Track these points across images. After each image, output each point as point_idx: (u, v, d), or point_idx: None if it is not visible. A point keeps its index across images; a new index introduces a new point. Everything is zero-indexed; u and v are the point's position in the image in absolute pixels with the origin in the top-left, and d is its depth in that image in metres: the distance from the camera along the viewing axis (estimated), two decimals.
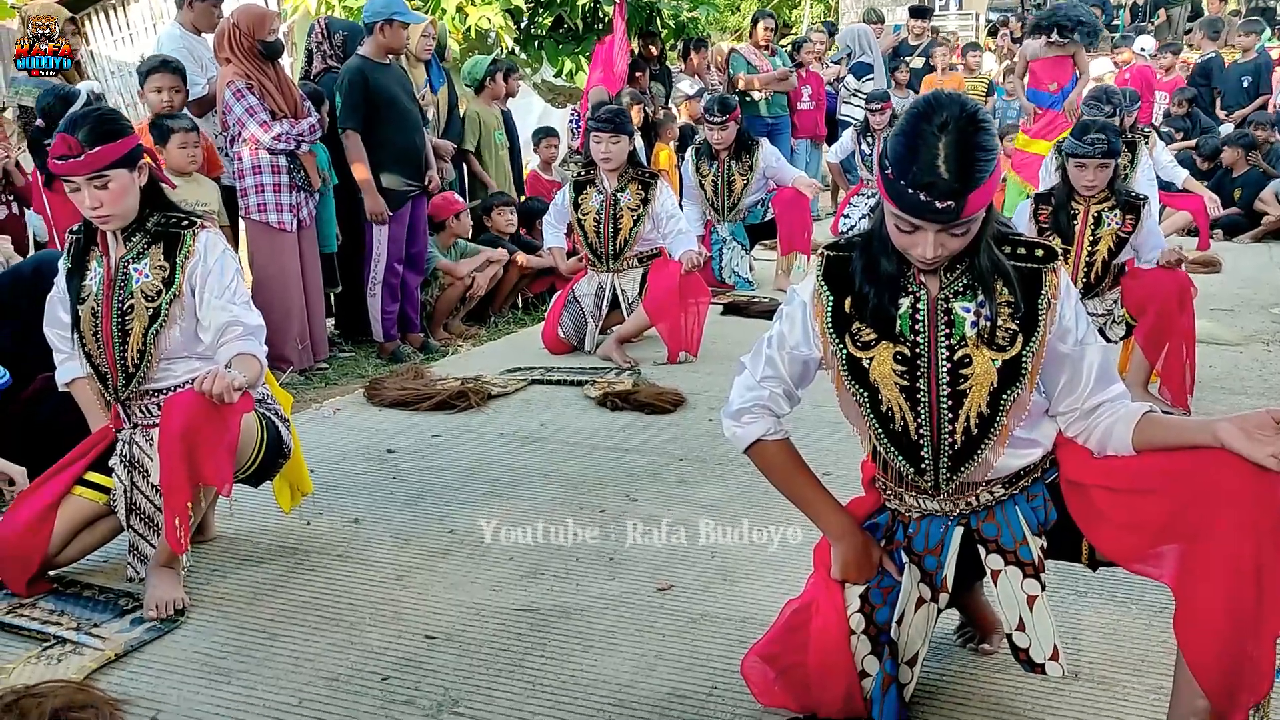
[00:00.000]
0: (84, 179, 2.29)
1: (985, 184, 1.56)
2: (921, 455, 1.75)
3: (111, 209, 2.33)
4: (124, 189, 2.33)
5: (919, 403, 1.72)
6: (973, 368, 1.69)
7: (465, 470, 3.20)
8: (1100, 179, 3.68)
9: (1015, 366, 1.68)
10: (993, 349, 1.68)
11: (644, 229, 4.60)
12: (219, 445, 2.23)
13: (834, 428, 3.42)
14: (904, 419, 1.73)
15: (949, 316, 1.71)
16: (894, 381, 1.73)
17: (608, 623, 2.25)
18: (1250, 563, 1.48)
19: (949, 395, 1.71)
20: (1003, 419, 1.69)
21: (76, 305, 2.43)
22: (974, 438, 1.71)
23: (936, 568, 1.81)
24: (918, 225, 1.60)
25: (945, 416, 1.71)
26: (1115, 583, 2.31)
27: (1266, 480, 1.49)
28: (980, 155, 1.55)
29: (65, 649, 2.12)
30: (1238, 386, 4.12)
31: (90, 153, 2.26)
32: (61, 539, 2.38)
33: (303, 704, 1.95)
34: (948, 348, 1.70)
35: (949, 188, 1.54)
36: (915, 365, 1.72)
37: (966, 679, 2.01)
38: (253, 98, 4.28)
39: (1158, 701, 1.90)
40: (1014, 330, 1.68)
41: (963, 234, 1.61)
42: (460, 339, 5.37)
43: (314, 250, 4.66)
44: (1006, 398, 1.69)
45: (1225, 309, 5.45)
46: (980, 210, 1.59)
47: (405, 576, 2.48)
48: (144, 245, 2.40)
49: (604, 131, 4.56)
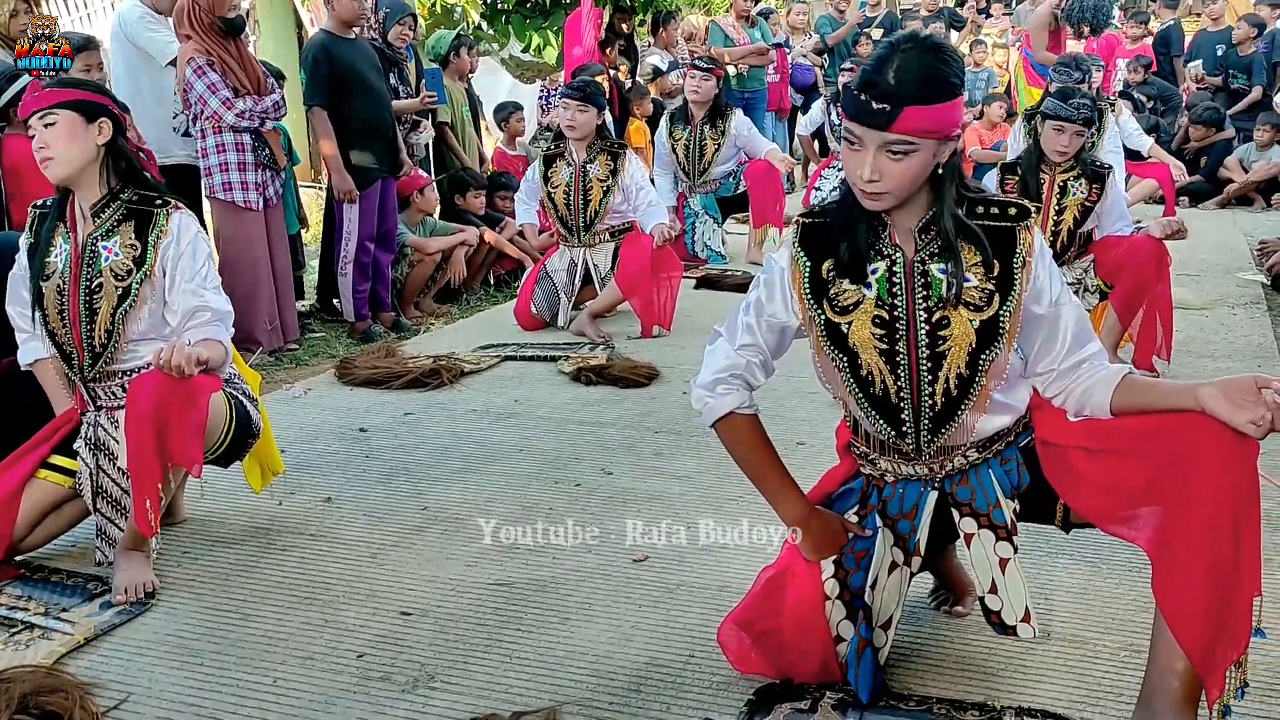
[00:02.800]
0: (36, 116, 2.29)
1: (928, 108, 1.56)
2: (902, 418, 1.75)
3: (55, 151, 2.29)
4: (71, 132, 2.30)
5: (898, 365, 1.72)
6: (951, 329, 1.69)
7: (439, 448, 3.19)
8: (1073, 146, 3.70)
9: (993, 326, 1.68)
10: (969, 310, 1.68)
11: (614, 200, 4.58)
12: (188, 425, 2.19)
13: (808, 397, 3.43)
14: (884, 382, 1.73)
15: (925, 279, 1.70)
16: (873, 345, 1.72)
17: (584, 595, 2.25)
18: (1228, 524, 1.49)
19: (928, 357, 1.71)
20: (982, 379, 1.70)
21: (40, 282, 2.37)
22: (954, 399, 1.71)
23: (910, 532, 1.82)
24: (859, 138, 1.61)
25: (925, 379, 1.71)
26: (1086, 543, 2.33)
27: (1243, 444, 1.51)
28: (926, 71, 1.56)
29: (33, 634, 2.09)
30: (1204, 350, 4.16)
31: (49, 89, 2.30)
32: (27, 523, 2.34)
33: (277, 683, 1.94)
34: (925, 310, 1.70)
35: (887, 89, 1.56)
36: (894, 328, 1.72)
37: (941, 641, 2.02)
38: (214, 74, 4.20)
39: (1129, 659, 1.92)
40: (990, 290, 1.68)
41: (901, 156, 1.59)
42: (432, 317, 5.33)
43: (282, 230, 4.59)
44: (985, 358, 1.69)
45: (1191, 274, 5.51)
46: (920, 136, 1.58)
47: (379, 554, 2.47)
48: (114, 223, 2.35)
49: (572, 99, 4.53)
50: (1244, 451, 1.51)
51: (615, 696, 1.87)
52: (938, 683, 1.89)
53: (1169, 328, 3.78)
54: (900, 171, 1.61)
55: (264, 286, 4.40)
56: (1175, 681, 1.58)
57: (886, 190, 1.63)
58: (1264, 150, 8.26)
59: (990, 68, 10.50)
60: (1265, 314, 4.78)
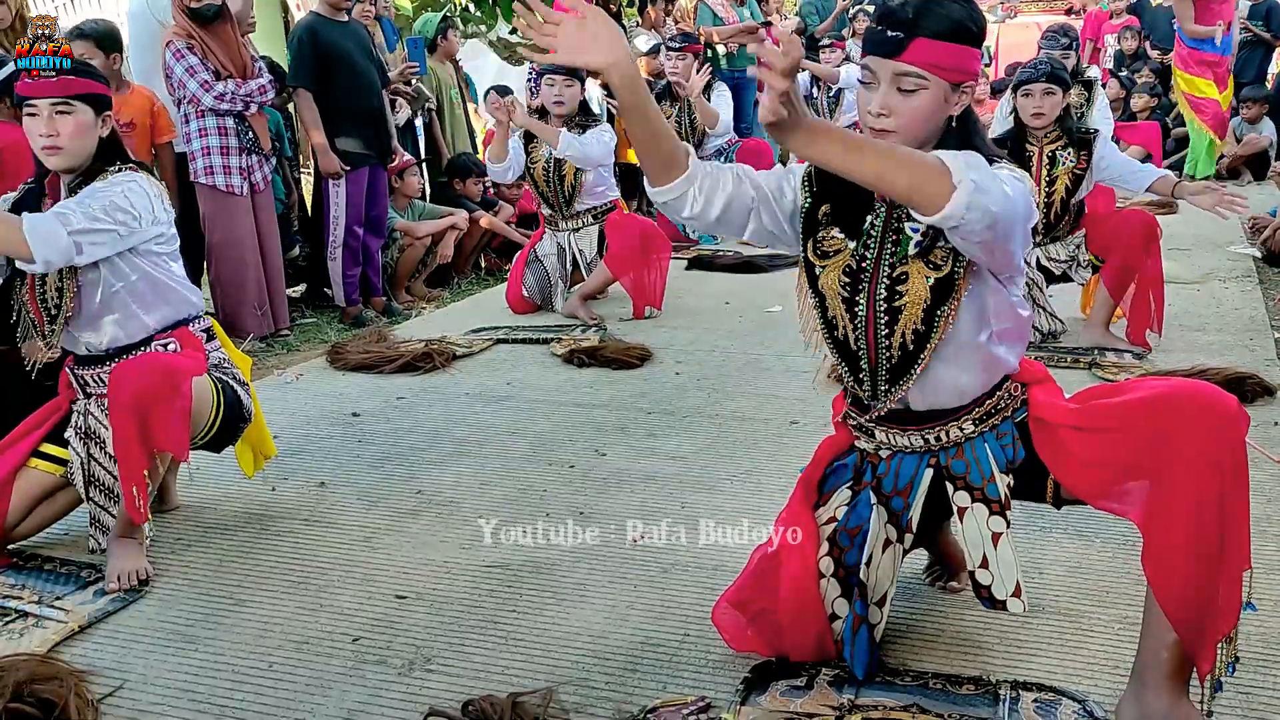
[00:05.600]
0: (49, 101, 2.25)
1: (941, 43, 1.59)
2: (860, 365, 1.78)
3: (65, 141, 2.27)
4: (84, 127, 2.29)
5: (857, 315, 1.75)
6: (908, 284, 1.70)
7: (432, 431, 3.18)
8: (1049, 107, 3.67)
9: (949, 284, 1.68)
10: (929, 267, 1.69)
11: (587, 179, 4.55)
12: (171, 411, 2.19)
13: (801, 376, 3.43)
14: (845, 329, 1.77)
15: (897, 235, 1.72)
16: (837, 292, 1.76)
17: (579, 575, 2.25)
18: (1213, 498, 1.49)
19: (885, 310, 1.72)
20: (936, 334, 1.70)
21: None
22: (910, 353, 1.73)
23: (903, 509, 1.82)
24: (873, 73, 1.64)
25: (882, 331, 1.74)
26: (1079, 517, 2.34)
27: (1229, 417, 1.51)
28: (943, 7, 1.60)
29: (27, 622, 2.09)
30: (1196, 324, 4.17)
31: (65, 76, 2.25)
32: (19, 512, 2.33)
33: (272, 668, 1.93)
34: (889, 264, 1.72)
35: (901, 17, 1.59)
36: (858, 279, 1.74)
37: (935, 616, 2.03)
38: (193, 58, 4.17)
39: (1123, 631, 1.93)
40: (950, 250, 1.67)
41: (911, 93, 1.61)
42: (423, 301, 5.31)
43: (271, 216, 4.56)
44: (940, 315, 1.69)
45: (1182, 249, 5.51)
46: (931, 70, 1.60)
47: (374, 538, 2.46)
48: None
49: (558, 74, 4.50)
50: (1230, 425, 1.51)
51: (611, 676, 1.87)
52: (933, 658, 1.90)
53: (1160, 302, 3.78)
54: (910, 109, 1.62)
55: (252, 271, 4.37)
56: (1166, 655, 1.59)
57: (893, 129, 1.63)
58: (1254, 125, 8.25)
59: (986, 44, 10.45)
60: (1257, 287, 4.79)
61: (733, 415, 3.23)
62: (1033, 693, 1.77)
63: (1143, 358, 3.69)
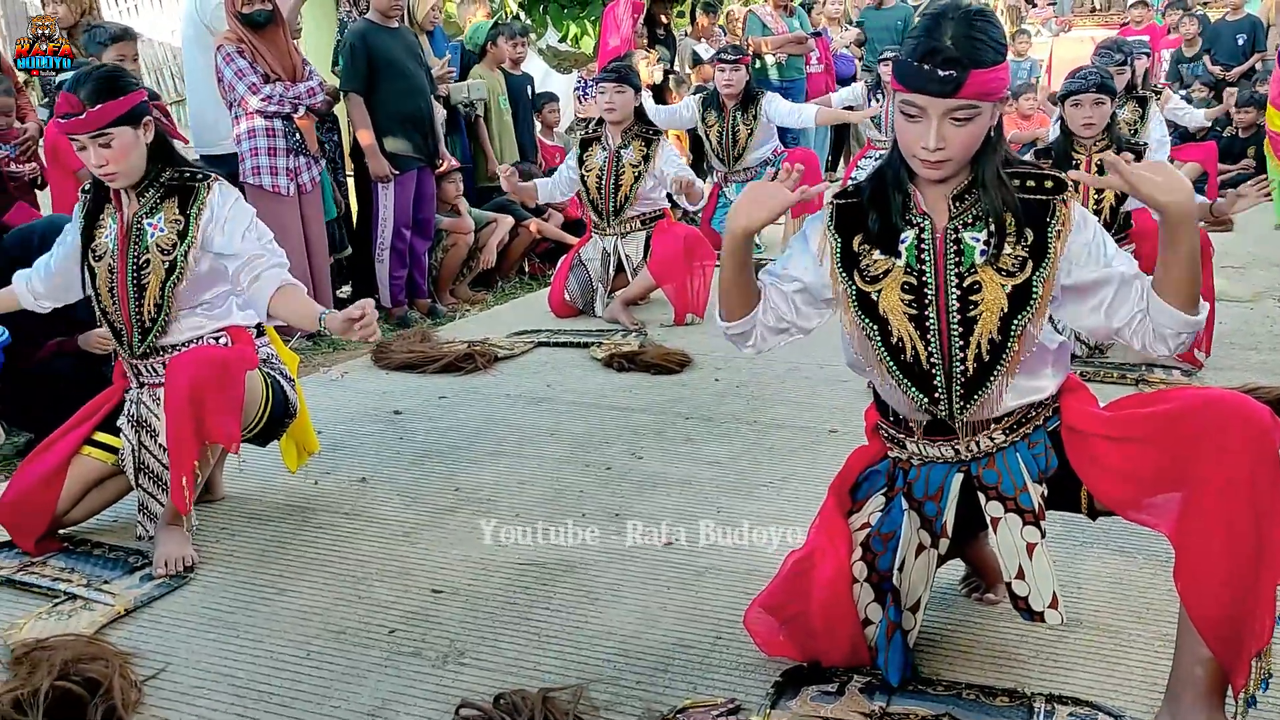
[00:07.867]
0: (88, 137, 2.29)
1: (988, 71, 1.60)
2: (935, 384, 1.75)
3: (116, 166, 2.32)
4: (128, 146, 2.32)
5: (928, 330, 1.73)
6: (982, 293, 1.70)
7: (472, 430, 3.21)
8: (1098, 117, 3.64)
9: (1025, 291, 1.68)
10: (1002, 275, 1.69)
11: (644, 187, 4.58)
12: (225, 403, 2.24)
13: (841, 385, 3.42)
14: (915, 349, 1.74)
15: (958, 245, 1.72)
16: (902, 311, 1.74)
17: (613, 576, 2.26)
18: (1247, 512, 1.47)
19: (959, 322, 1.71)
20: (1014, 345, 1.69)
21: (92, 263, 2.42)
22: (985, 365, 1.71)
23: (936, 514, 1.80)
24: (921, 109, 1.62)
25: (956, 344, 1.72)
26: (1119, 533, 2.31)
27: (1264, 429, 1.49)
28: (983, 36, 1.60)
29: (75, 605, 2.15)
30: (1249, 343, 4.09)
31: (92, 110, 2.26)
32: (71, 498, 2.39)
33: (310, 656, 1.97)
34: (956, 275, 1.71)
35: (950, 56, 1.58)
36: (922, 294, 1.73)
37: (971, 627, 2.01)
38: (242, 61, 4.27)
39: (1162, 648, 1.90)
40: (1023, 257, 1.68)
41: (964, 122, 1.62)
42: (467, 303, 5.37)
43: (319, 216, 4.63)
44: (1017, 323, 1.69)
45: (1236, 266, 5.40)
46: (982, 99, 1.61)
47: (412, 533, 2.50)
48: (157, 199, 2.40)
49: (609, 82, 4.54)
50: (1265, 438, 1.48)
51: (642, 676, 1.88)
52: (967, 669, 1.88)
53: (1210, 320, 3.71)
54: (964, 137, 1.64)
55: (298, 271, 4.41)
56: (1201, 671, 1.56)
57: (949, 158, 1.65)
58: None
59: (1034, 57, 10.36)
60: None
61: (771, 422, 3.22)
62: (1068, 707, 1.75)
63: (1192, 375, 3.62)
